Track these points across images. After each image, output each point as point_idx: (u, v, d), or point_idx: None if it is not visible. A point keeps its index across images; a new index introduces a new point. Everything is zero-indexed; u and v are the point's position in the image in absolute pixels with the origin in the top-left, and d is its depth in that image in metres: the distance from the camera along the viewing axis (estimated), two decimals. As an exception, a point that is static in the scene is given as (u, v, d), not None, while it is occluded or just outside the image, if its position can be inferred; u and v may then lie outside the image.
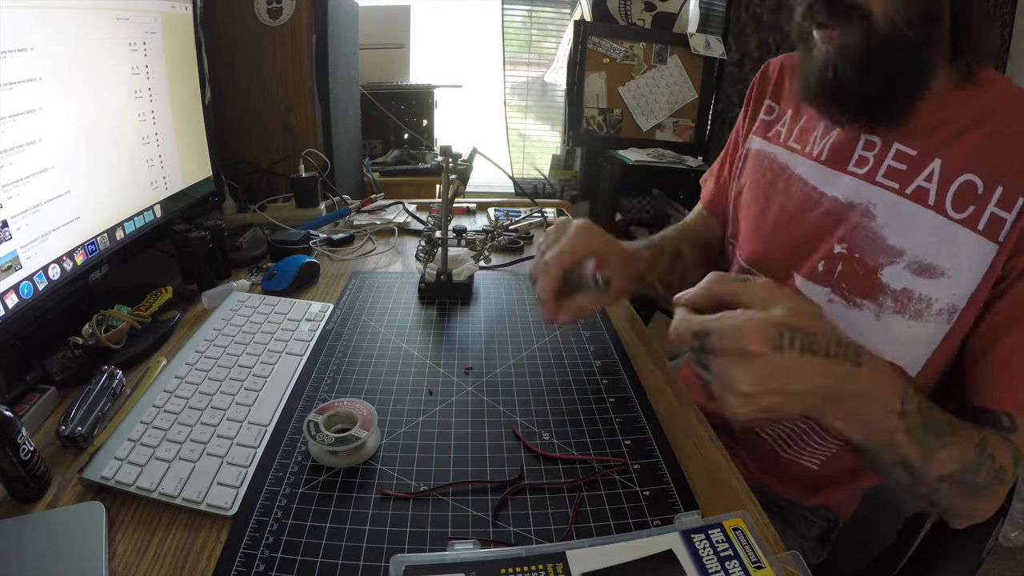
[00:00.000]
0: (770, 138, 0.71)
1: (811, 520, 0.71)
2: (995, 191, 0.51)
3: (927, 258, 0.54)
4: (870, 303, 0.57)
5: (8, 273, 0.53)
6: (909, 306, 0.55)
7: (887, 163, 0.57)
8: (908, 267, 0.55)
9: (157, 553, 0.41)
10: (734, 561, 0.40)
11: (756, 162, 0.72)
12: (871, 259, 0.57)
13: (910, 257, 0.55)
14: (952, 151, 0.54)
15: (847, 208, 0.59)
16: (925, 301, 0.54)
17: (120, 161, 0.70)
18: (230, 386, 0.59)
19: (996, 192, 0.51)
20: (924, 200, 0.54)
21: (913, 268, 0.54)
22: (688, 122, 2.36)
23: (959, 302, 0.53)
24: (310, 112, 1.18)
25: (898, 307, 0.55)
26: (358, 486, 0.48)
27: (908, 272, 0.55)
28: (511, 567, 0.39)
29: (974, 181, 0.52)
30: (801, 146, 0.66)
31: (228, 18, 1.10)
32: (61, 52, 0.58)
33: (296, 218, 1.05)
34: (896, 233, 0.56)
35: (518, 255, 1.00)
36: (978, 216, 0.51)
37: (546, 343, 0.71)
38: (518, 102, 2.46)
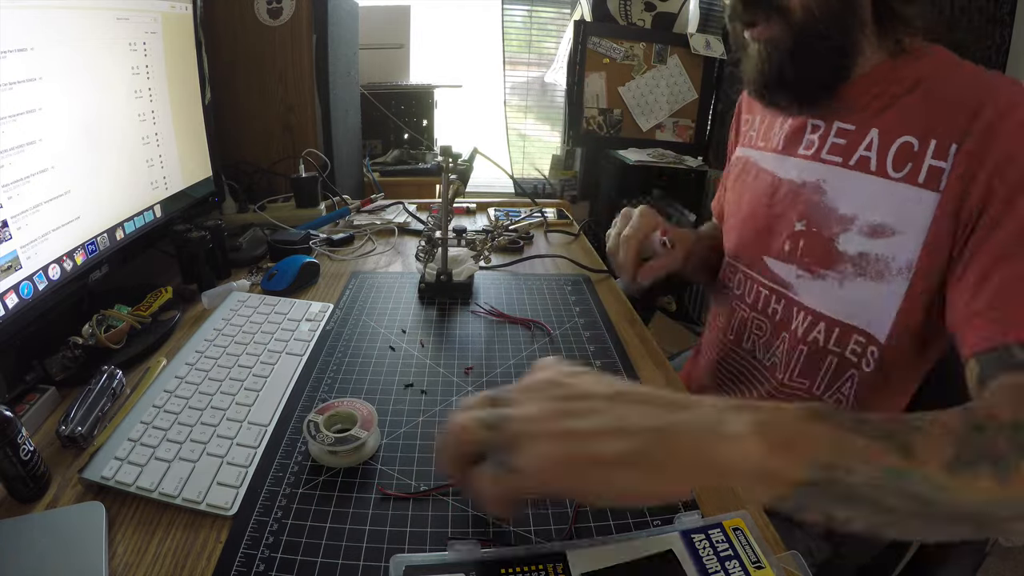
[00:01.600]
0: (746, 144, 0.77)
1: None
2: (929, 145, 0.53)
3: (876, 219, 0.57)
4: (832, 272, 0.60)
5: (8, 273, 0.53)
6: (868, 268, 0.58)
7: (830, 140, 0.62)
8: (860, 231, 0.58)
9: (157, 553, 0.41)
10: (734, 561, 0.40)
11: (737, 168, 0.77)
12: (827, 231, 0.60)
13: (861, 222, 0.58)
14: (886, 119, 0.57)
15: (801, 187, 0.64)
16: (883, 261, 0.56)
17: (120, 161, 0.70)
18: (230, 386, 0.59)
19: (930, 145, 0.53)
20: (866, 167, 0.58)
21: (865, 231, 0.57)
22: (688, 122, 2.36)
23: (912, 255, 0.55)
24: (310, 112, 1.18)
25: (858, 271, 0.58)
26: (358, 486, 0.48)
27: (861, 236, 0.58)
28: (511, 567, 0.39)
29: (910, 141, 0.55)
30: (765, 143, 0.72)
31: (228, 18, 1.10)
32: (61, 52, 0.58)
33: (296, 218, 1.05)
34: (845, 202, 0.59)
35: (518, 255, 1.00)
36: (917, 171, 0.54)
37: (546, 343, 0.71)
38: (518, 102, 2.46)
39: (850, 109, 0.60)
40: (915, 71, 0.57)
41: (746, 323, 0.73)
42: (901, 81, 0.57)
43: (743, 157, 0.76)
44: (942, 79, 0.56)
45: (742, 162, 0.76)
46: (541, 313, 0.78)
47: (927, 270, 0.54)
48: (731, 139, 0.85)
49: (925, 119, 0.55)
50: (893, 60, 0.58)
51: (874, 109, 0.58)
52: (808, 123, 0.65)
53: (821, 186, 0.62)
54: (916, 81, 0.57)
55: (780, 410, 0.34)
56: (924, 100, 0.56)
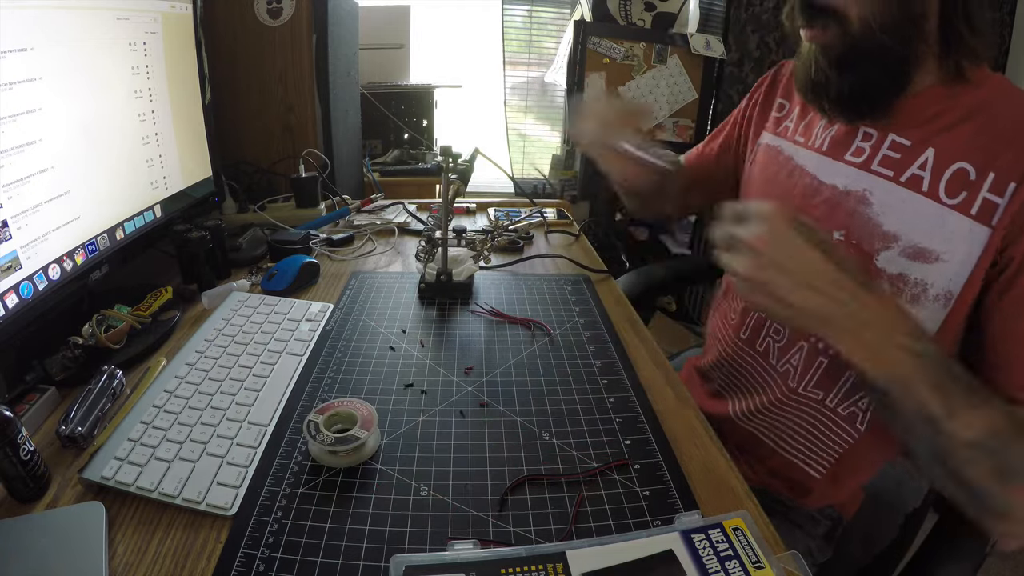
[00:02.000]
0: (779, 133, 0.73)
1: (817, 520, 0.71)
2: (987, 177, 0.52)
3: (921, 243, 0.55)
4: None
5: (8, 273, 0.53)
6: (905, 291, 0.56)
7: (883, 152, 0.59)
8: (903, 252, 0.56)
9: (157, 553, 0.41)
10: (734, 561, 0.40)
11: (766, 155, 0.74)
12: (867, 245, 0.58)
13: (904, 242, 0.56)
14: (945, 141, 0.55)
15: (844, 196, 0.61)
16: (920, 285, 0.55)
17: (120, 161, 0.70)
18: (230, 386, 0.59)
19: (988, 178, 0.52)
20: (918, 187, 0.56)
21: (908, 253, 0.56)
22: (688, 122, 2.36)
23: (954, 287, 0.54)
24: (310, 112, 1.18)
25: (894, 291, 0.57)
26: (358, 486, 0.48)
27: (903, 257, 0.56)
28: (511, 567, 0.39)
29: (966, 168, 0.53)
30: (805, 139, 0.68)
31: (228, 18, 1.10)
32: (61, 52, 0.58)
33: (296, 218, 1.05)
34: (891, 219, 0.57)
35: (518, 255, 1.00)
36: (971, 201, 0.53)
37: (546, 343, 0.71)
38: (518, 102, 2.45)
39: (907, 124, 0.58)
40: (978, 96, 0.55)
41: (762, 325, 0.71)
42: (962, 105, 0.56)
43: (773, 146, 0.72)
44: (1005, 109, 0.54)
45: (772, 152, 0.72)
46: (541, 313, 0.78)
47: (966, 302, 0.53)
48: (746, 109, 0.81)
49: (985, 149, 0.53)
50: (953, 83, 0.56)
51: (934, 128, 0.56)
52: (861, 129, 0.62)
53: (867, 198, 0.59)
54: (978, 106, 0.55)
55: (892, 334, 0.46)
56: (986, 129, 0.54)
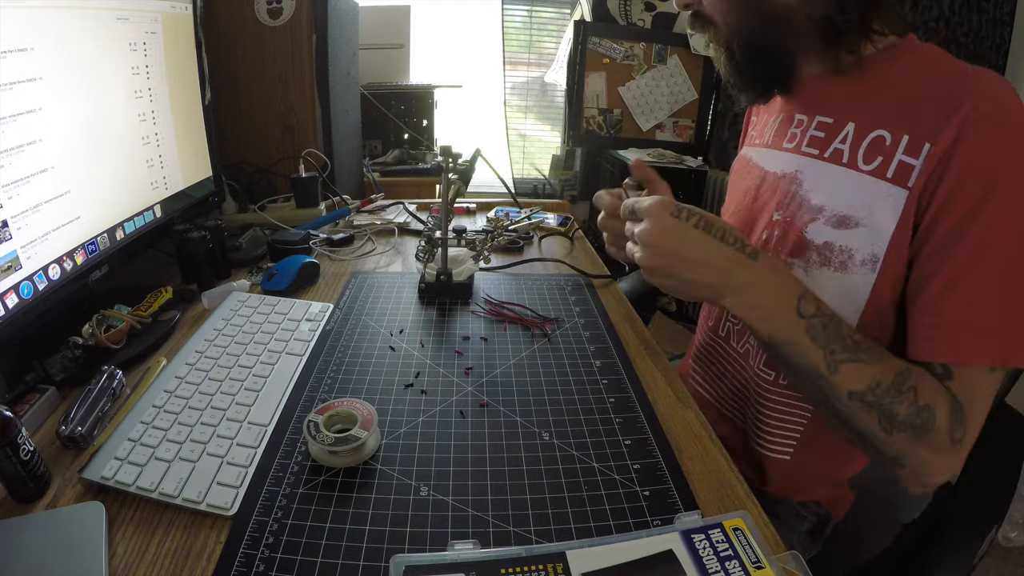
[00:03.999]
0: (748, 143, 0.78)
1: (802, 515, 0.71)
2: (901, 140, 0.54)
3: (843, 211, 0.57)
4: (799, 260, 0.61)
5: (8, 273, 0.53)
6: (832, 258, 0.58)
7: (809, 133, 0.63)
8: (827, 221, 0.59)
9: (157, 553, 0.41)
10: (734, 561, 0.40)
11: (738, 163, 0.79)
12: (798, 220, 0.62)
13: (829, 212, 0.59)
14: (863, 113, 0.58)
15: (781, 179, 0.66)
16: (846, 252, 0.57)
17: (120, 161, 0.70)
18: (230, 386, 0.59)
19: (902, 141, 0.53)
20: (839, 159, 0.59)
21: (832, 222, 0.58)
22: (688, 122, 2.36)
23: (878, 251, 0.55)
24: (310, 112, 1.18)
25: (823, 260, 0.59)
26: (358, 486, 0.48)
27: (828, 226, 0.59)
28: (511, 567, 0.39)
29: (883, 135, 0.55)
30: (759, 139, 0.73)
31: (228, 18, 1.10)
32: (61, 52, 0.58)
33: (296, 218, 1.05)
34: (818, 193, 0.60)
35: (518, 255, 1.00)
36: (886, 165, 0.54)
37: (546, 343, 0.71)
38: (518, 102, 2.45)
39: (829, 103, 0.61)
40: (896, 68, 0.58)
41: (722, 311, 0.75)
42: (881, 78, 0.58)
43: (744, 156, 0.77)
44: (924, 76, 0.56)
45: (742, 161, 0.77)
46: (541, 312, 0.78)
47: (895, 266, 0.55)
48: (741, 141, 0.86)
49: (900, 114, 0.55)
50: (871, 56, 0.59)
51: (854, 103, 0.59)
52: (795, 117, 0.66)
53: (798, 177, 0.63)
54: (896, 77, 0.57)
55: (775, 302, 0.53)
56: (902, 96, 0.56)
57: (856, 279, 0.57)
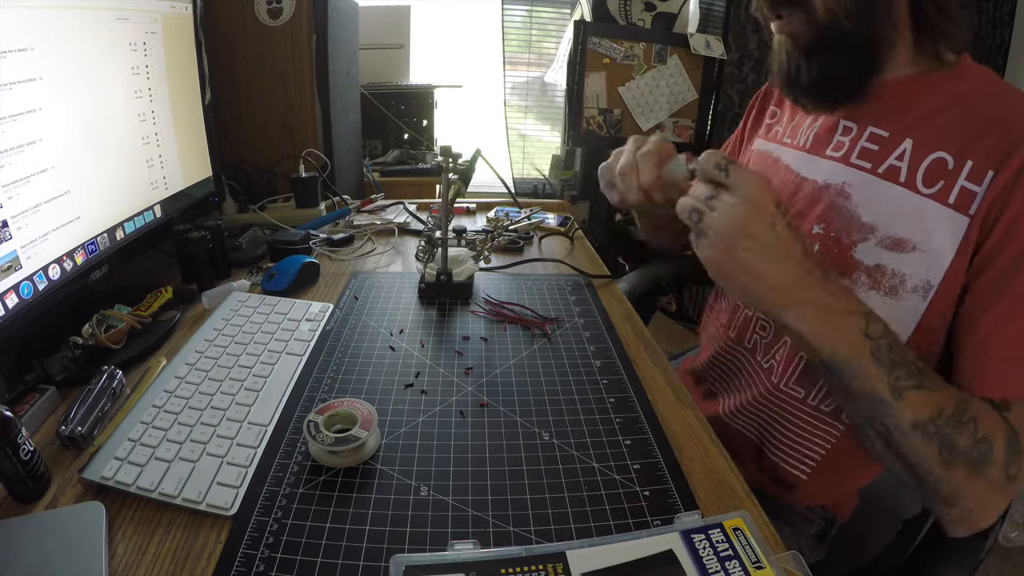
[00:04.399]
0: (770, 138, 0.74)
1: (809, 519, 0.71)
2: (964, 166, 0.51)
3: (898, 233, 0.55)
4: (846, 280, 0.58)
5: (8, 273, 0.53)
6: (883, 282, 0.56)
7: (860, 145, 0.59)
8: (880, 243, 0.56)
9: (157, 553, 0.41)
10: (734, 561, 0.40)
11: (756, 160, 0.75)
12: (846, 237, 0.58)
13: (882, 233, 0.56)
14: (923, 131, 0.55)
15: (824, 190, 0.61)
16: (898, 276, 0.55)
17: (120, 161, 0.70)
18: (230, 386, 0.59)
19: (966, 167, 0.51)
20: (895, 178, 0.56)
21: (885, 244, 0.55)
22: (688, 122, 2.36)
23: (934, 278, 0.53)
24: (310, 112, 1.18)
25: (872, 283, 0.56)
26: (358, 486, 0.48)
27: (880, 248, 0.56)
28: (511, 567, 0.39)
29: (944, 158, 0.53)
30: (792, 140, 0.69)
31: (228, 18, 1.10)
32: (61, 52, 0.58)
33: (296, 218, 1.05)
34: (869, 211, 0.57)
35: (518, 255, 1.00)
36: (948, 190, 0.52)
37: (546, 343, 0.71)
38: (518, 102, 2.45)
39: (884, 115, 0.58)
40: (957, 85, 0.55)
41: (749, 322, 0.71)
42: (941, 94, 0.55)
43: (763, 152, 0.73)
44: (985, 99, 0.54)
45: (762, 156, 0.73)
46: (541, 312, 0.78)
47: (949, 294, 0.52)
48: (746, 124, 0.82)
49: (963, 138, 0.52)
50: (933, 72, 0.56)
51: (912, 118, 0.56)
52: (840, 123, 0.62)
53: (846, 190, 0.59)
54: (958, 96, 0.55)
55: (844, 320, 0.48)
56: (964, 118, 0.53)
57: (905, 305, 0.54)
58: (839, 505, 0.72)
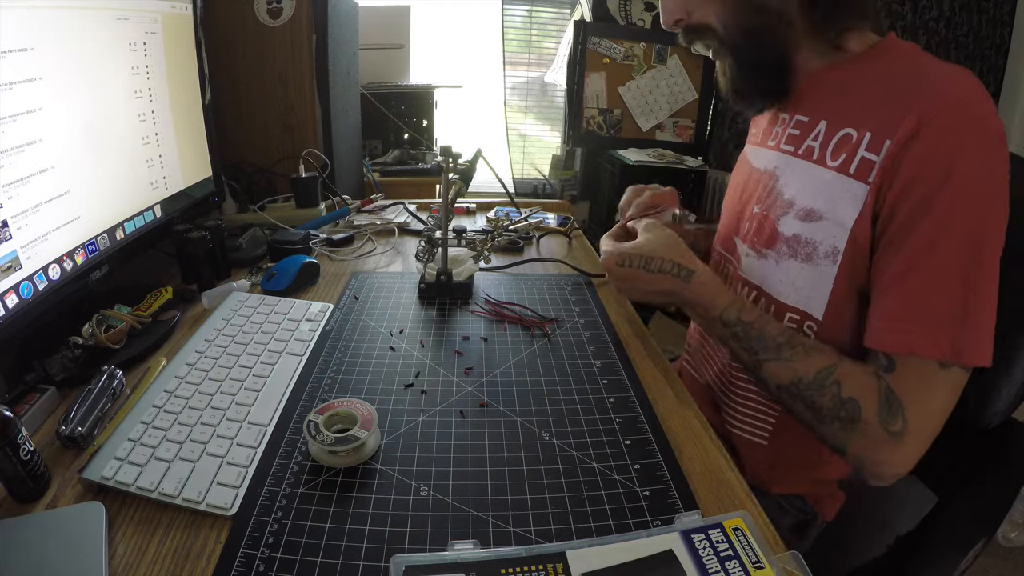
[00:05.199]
0: (748, 141, 0.80)
1: (784, 508, 0.71)
2: (864, 137, 0.55)
3: (810, 205, 0.60)
4: (772, 251, 0.65)
5: (8, 273, 0.53)
6: (799, 250, 0.61)
7: (787, 131, 0.66)
8: (796, 215, 0.62)
9: (157, 553, 0.41)
10: (734, 561, 0.40)
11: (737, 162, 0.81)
12: (772, 213, 0.65)
13: (798, 206, 0.62)
14: (834, 111, 0.61)
15: (764, 175, 0.69)
16: (811, 244, 0.60)
17: (120, 161, 0.70)
18: (230, 386, 0.59)
19: (865, 138, 0.55)
20: (810, 156, 0.62)
21: (800, 215, 0.61)
22: (688, 122, 2.36)
23: (839, 243, 0.57)
24: (310, 112, 1.18)
25: (791, 251, 0.62)
26: (358, 486, 0.48)
27: (796, 220, 0.62)
28: (511, 567, 0.39)
29: (850, 133, 0.58)
30: (754, 139, 0.77)
31: (228, 18, 1.10)
32: (61, 52, 0.58)
33: (296, 218, 1.05)
34: (790, 188, 0.64)
35: (518, 255, 1.00)
36: (850, 161, 0.56)
37: (546, 343, 0.71)
38: (518, 102, 2.45)
39: (806, 102, 0.64)
40: (875, 68, 0.59)
41: None
42: (856, 77, 0.60)
43: (743, 154, 0.79)
44: (899, 74, 0.57)
45: (741, 158, 0.79)
46: (541, 312, 0.78)
47: (853, 258, 0.57)
48: None
49: (867, 112, 0.57)
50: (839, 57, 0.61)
51: (827, 103, 0.62)
52: (779, 116, 0.69)
53: (775, 173, 0.67)
54: (874, 77, 0.58)
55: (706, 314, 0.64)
56: (874, 95, 0.57)
57: (820, 270, 0.59)
58: (819, 500, 0.72)
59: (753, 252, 0.68)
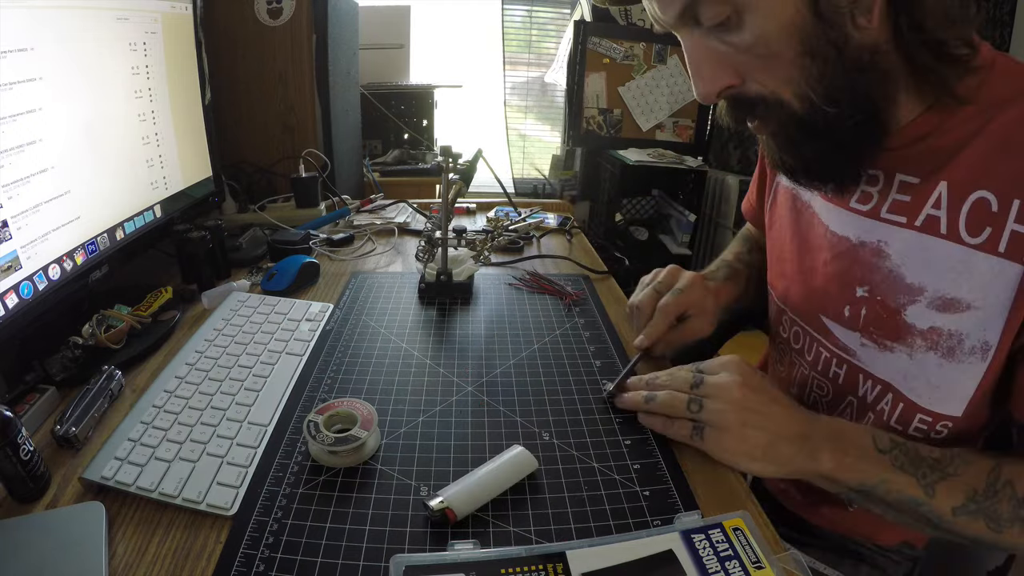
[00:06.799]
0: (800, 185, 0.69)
1: (896, 562, 0.67)
2: (1011, 207, 0.45)
3: (949, 292, 0.50)
4: (900, 345, 0.54)
5: (8, 273, 0.53)
6: (940, 343, 0.51)
7: (891, 197, 0.53)
8: (931, 304, 0.51)
9: (157, 553, 0.41)
10: (734, 561, 0.40)
11: (784, 199, 0.69)
12: (892, 301, 0.54)
13: (931, 293, 0.51)
14: (956, 169, 0.49)
15: (860, 248, 0.56)
16: (955, 337, 0.50)
17: (120, 161, 0.70)
18: (230, 386, 0.59)
19: (1013, 208, 0.45)
20: (936, 230, 0.50)
21: (936, 305, 0.51)
22: (688, 122, 2.36)
23: (991, 336, 0.48)
24: (310, 112, 1.18)
25: (929, 344, 0.52)
26: (358, 486, 0.48)
27: (932, 310, 0.51)
28: (511, 567, 0.39)
29: (986, 198, 0.47)
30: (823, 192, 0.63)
31: (228, 18, 1.10)
32: (61, 52, 0.58)
33: (296, 218, 1.05)
34: (913, 270, 0.52)
35: (518, 255, 1.00)
36: (997, 238, 0.46)
37: (546, 343, 0.71)
38: (518, 102, 2.46)
39: (910, 159, 0.51)
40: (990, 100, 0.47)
41: (807, 381, 0.67)
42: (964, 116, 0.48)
43: (791, 191, 0.67)
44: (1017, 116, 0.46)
45: (790, 197, 0.67)
46: (541, 313, 0.78)
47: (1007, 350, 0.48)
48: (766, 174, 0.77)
49: (1005, 171, 0.46)
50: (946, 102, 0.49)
51: (941, 156, 0.49)
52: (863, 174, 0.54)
53: (883, 249, 0.54)
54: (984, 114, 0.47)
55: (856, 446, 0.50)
56: (1001, 145, 0.46)
57: (965, 368, 0.50)
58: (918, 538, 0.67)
59: (871, 343, 0.56)
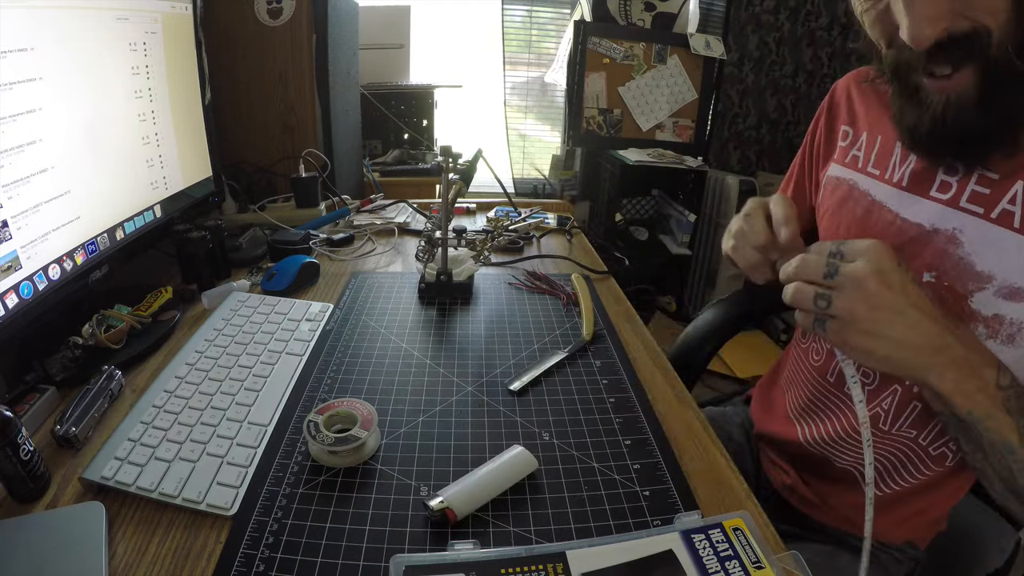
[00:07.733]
0: (848, 164, 0.69)
1: (899, 560, 0.68)
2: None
3: (1017, 282, 0.51)
4: None
5: (8, 273, 0.53)
6: (1000, 331, 0.53)
7: (970, 188, 0.55)
8: (998, 292, 0.53)
9: (157, 553, 0.41)
10: (734, 561, 0.40)
11: (836, 189, 0.69)
12: (960, 287, 0.55)
13: (999, 282, 0.52)
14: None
15: (932, 234, 0.57)
16: (1016, 324, 0.52)
17: (120, 161, 0.70)
18: (230, 386, 0.59)
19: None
20: (1010, 223, 0.52)
21: (1003, 293, 0.52)
22: (688, 122, 2.36)
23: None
24: (310, 112, 1.18)
25: (990, 332, 0.54)
26: (358, 486, 0.48)
27: (998, 298, 0.53)
28: (511, 567, 0.39)
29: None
30: (880, 172, 0.64)
31: (228, 18, 1.10)
32: (61, 52, 0.58)
33: (296, 218, 1.05)
34: (984, 259, 0.54)
35: (518, 255, 1.00)
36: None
37: (546, 343, 0.71)
38: (518, 102, 2.45)
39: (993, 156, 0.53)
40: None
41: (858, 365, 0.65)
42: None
43: (844, 179, 0.68)
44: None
45: (845, 186, 0.67)
46: (541, 313, 0.78)
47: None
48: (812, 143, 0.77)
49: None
50: None
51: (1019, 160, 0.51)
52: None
53: (957, 237, 0.55)
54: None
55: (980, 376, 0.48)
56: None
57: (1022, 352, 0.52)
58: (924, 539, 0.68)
59: None
